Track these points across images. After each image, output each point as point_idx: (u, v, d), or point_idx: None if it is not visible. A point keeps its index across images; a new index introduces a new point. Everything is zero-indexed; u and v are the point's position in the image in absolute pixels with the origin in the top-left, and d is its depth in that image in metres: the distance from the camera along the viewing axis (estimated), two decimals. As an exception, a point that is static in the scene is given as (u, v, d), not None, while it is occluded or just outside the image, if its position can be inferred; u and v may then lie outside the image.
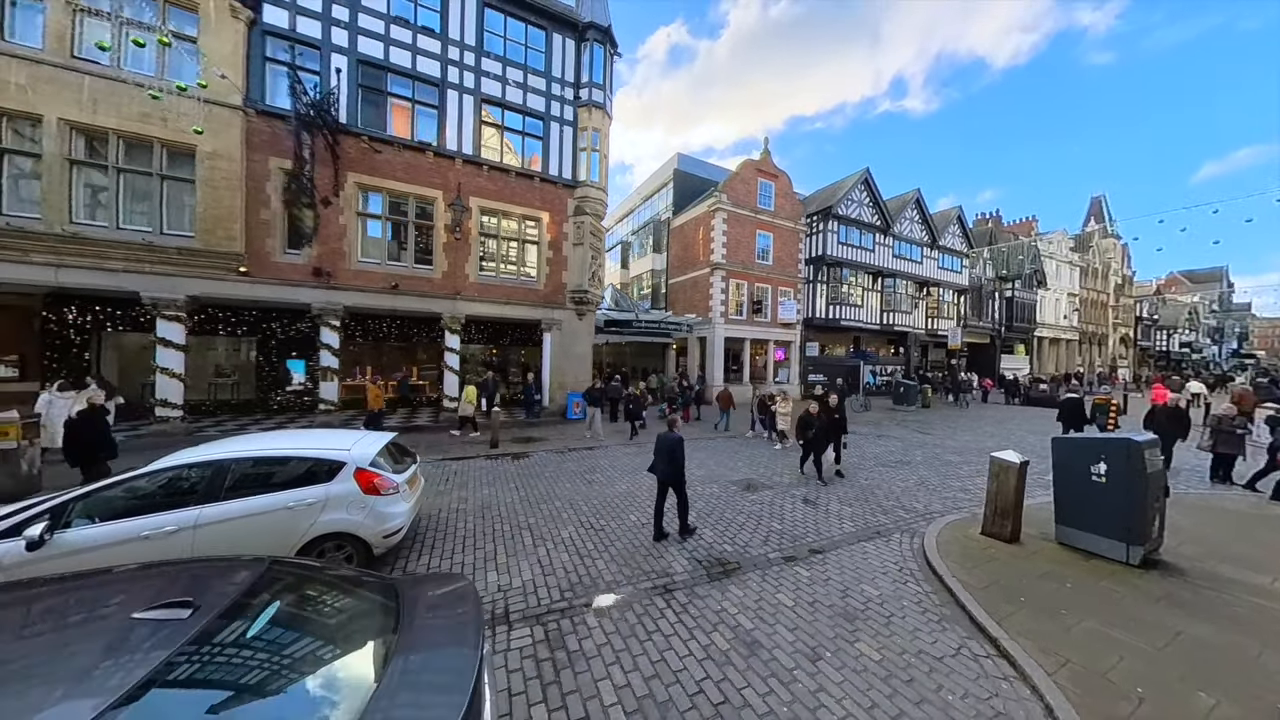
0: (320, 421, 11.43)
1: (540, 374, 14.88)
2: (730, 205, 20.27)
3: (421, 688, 1.49)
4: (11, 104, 8.35)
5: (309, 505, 3.99)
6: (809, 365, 23.52)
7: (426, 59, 12.40)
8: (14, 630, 1.43)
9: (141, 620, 1.40)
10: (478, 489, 6.54)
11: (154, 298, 9.69)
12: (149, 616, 1.40)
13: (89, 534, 3.45)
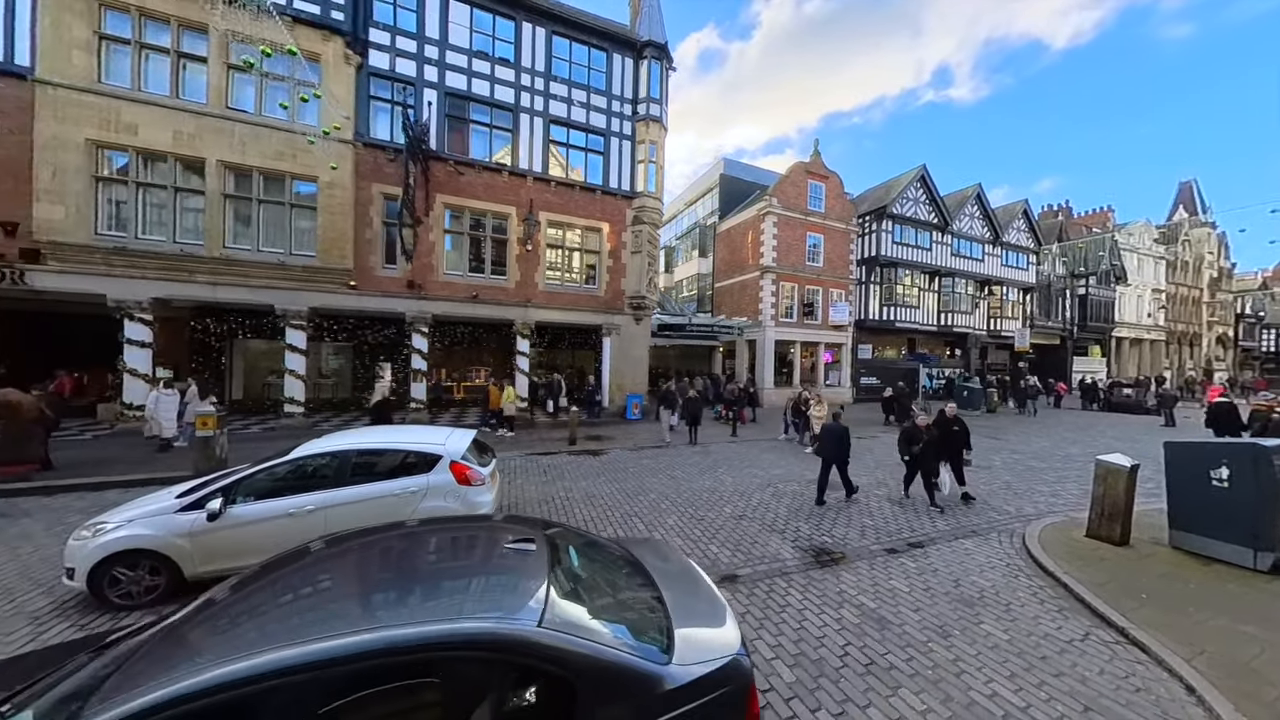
0: (411, 419, 12.71)
1: (600, 376, 15.68)
2: (780, 208, 20.36)
3: (691, 598, 2.10)
4: (184, 150, 10.05)
5: (413, 492, 4.47)
6: (861, 368, 23.09)
7: (502, 87, 13.53)
8: (451, 548, 2.13)
9: (513, 548, 2.07)
10: (576, 481, 7.28)
11: (284, 309, 11.24)
12: (514, 547, 2.07)
13: (250, 509, 4.06)
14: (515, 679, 1.45)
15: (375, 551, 2.17)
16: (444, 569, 1.88)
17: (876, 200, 23.55)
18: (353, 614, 1.64)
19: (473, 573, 1.87)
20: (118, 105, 9.54)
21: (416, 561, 2.07)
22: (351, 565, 2.04)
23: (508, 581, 1.80)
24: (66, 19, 9.18)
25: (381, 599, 1.76)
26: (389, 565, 2.06)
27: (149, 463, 7.66)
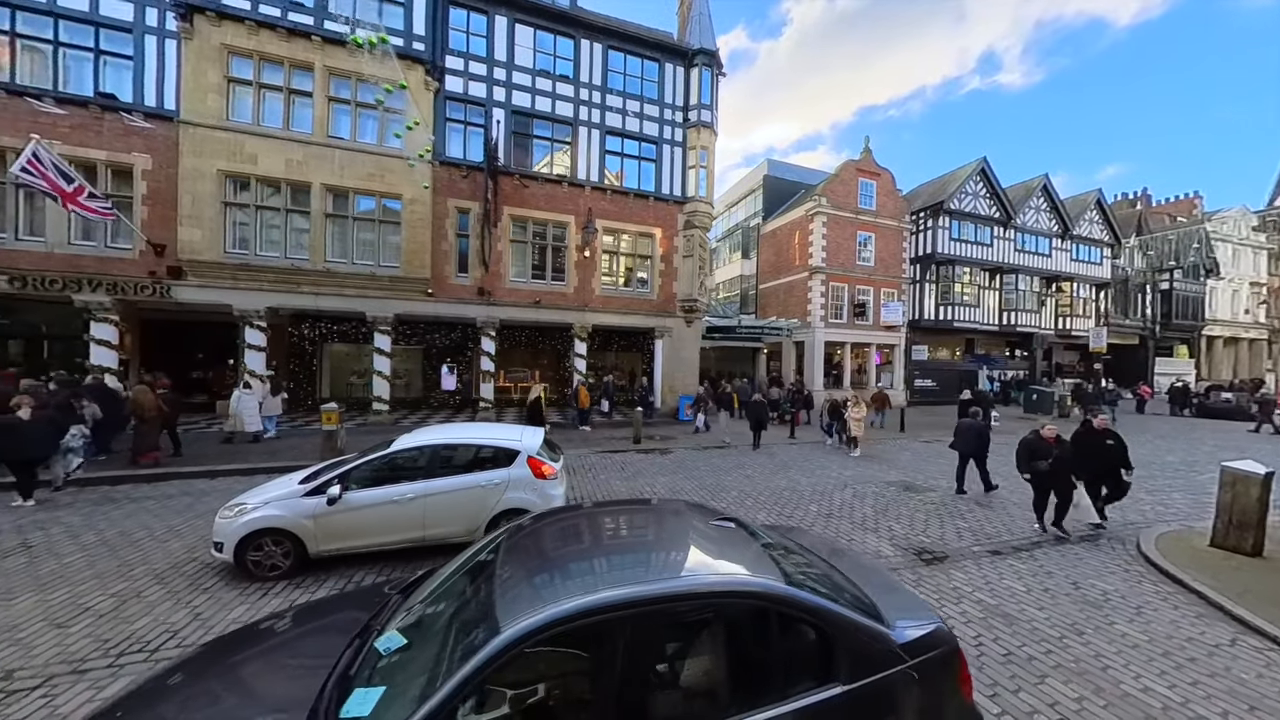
0: (480, 417, 13.58)
1: (652, 377, 16.09)
2: (830, 208, 20.08)
3: (864, 573, 2.41)
4: (294, 175, 11.32)
5: (497, 484, 4.82)
6: (915, 369, 22.31)
7: (563, 102, 14.24)
8: (675, 521, 2.50)
9: (719, 527, 2.41)
10: (654, 478, 7.68)
11: (374, 316, 12.37)
12: (720, 525, 2.41)
13: (361, 496, 4.45)
14: (781, 625, 1.73)
15: (625, 519, 2.58)
16: (682, 536, 2.25)
17: (931, 196, 22.71)
18: (652, 565, 2.01)
19: (708, 540, 2.18)
20: (242, 139, 10.90)
21: (662, 529, 2.42)
22: (617, 529, 2.42)
23: (737, 550, 2.12)
24: (203, 66, 10.60)
25: (661, 556, 2.12)
26: (646, 530, 2.42)
27: (247, 454, 8.63)
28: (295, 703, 1.56)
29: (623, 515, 2.74)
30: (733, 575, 1.86)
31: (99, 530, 5.06)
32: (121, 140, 10.29)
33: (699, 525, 2.36)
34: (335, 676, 1.63)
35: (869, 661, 1.75)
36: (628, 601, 1.60)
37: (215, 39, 10.65)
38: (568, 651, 1.58)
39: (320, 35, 11.39)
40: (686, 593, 1.72)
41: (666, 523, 2.48)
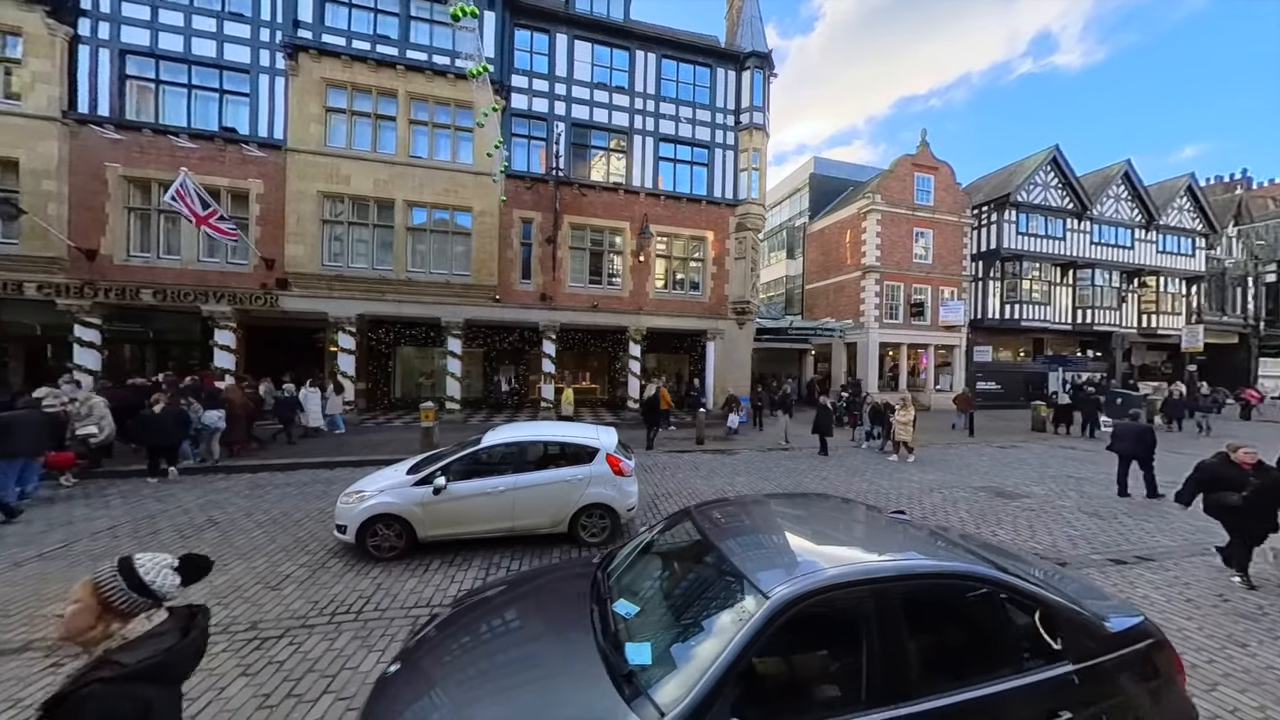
0: (541, 416, 14.20)
1: (704, 379, 16.23)
2: (884, 205, 19.49)
3: (1030, 567, 2.50)
4: (381, 193, 12.37)
5: (580, 480, 5.04)
6: (978, 371, 21.19)
7: (618, 112, 14.72)
8: (862, 512, 2.71)
9: (894, 519, 2.63)
10: (731, 477, 7.87)
11: (447, 321, 13.27)
12: (896, 515, 2.64)
13: (461, 486, 4.78)
14: (1005, 607, 1.88)
15: (807, 506, 2.80)
16: (878, 524, 2.45)
17: (996, 188, 21.54)
18: (875, 546, 2.21)
19: (905, 529, 2.35)
20: (337, 162, 12.05)
21: (853, 516, 2.61)
22: (809, 514, 2.62)
23: (935, 539, 2.27)
24: (306, 99, 11.81)
25: (876, 539, 2.30)
26: (839, 516, 2.61)
27: (341, 448, 9.51)
28: (579, 646, 1.82)
29: (803, 502, 2.93)
30: (963, 561, 2.00)
31: (265, 510, 5.85)
32: (239, 168, 11.64)
33: (883, 516, 2.55)
34: (599, 632, 1.88)
35: (1091, 646, 1.85)
36: (898, 574, 1.78)
37: (316, 74, 11.85)
38: (822, 620, 1.71)
39: (403, 64, 12.40)
40: (932, 571, 1.89)
41: (854, 512, 2.67)
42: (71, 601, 1.27)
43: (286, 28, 11.63)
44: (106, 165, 10.89)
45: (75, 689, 1.18)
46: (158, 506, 5.81)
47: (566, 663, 1.76)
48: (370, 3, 12.39)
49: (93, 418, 7.46)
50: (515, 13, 13.57)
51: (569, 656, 1.79)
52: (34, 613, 3.45)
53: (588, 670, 1.68)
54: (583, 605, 2.09)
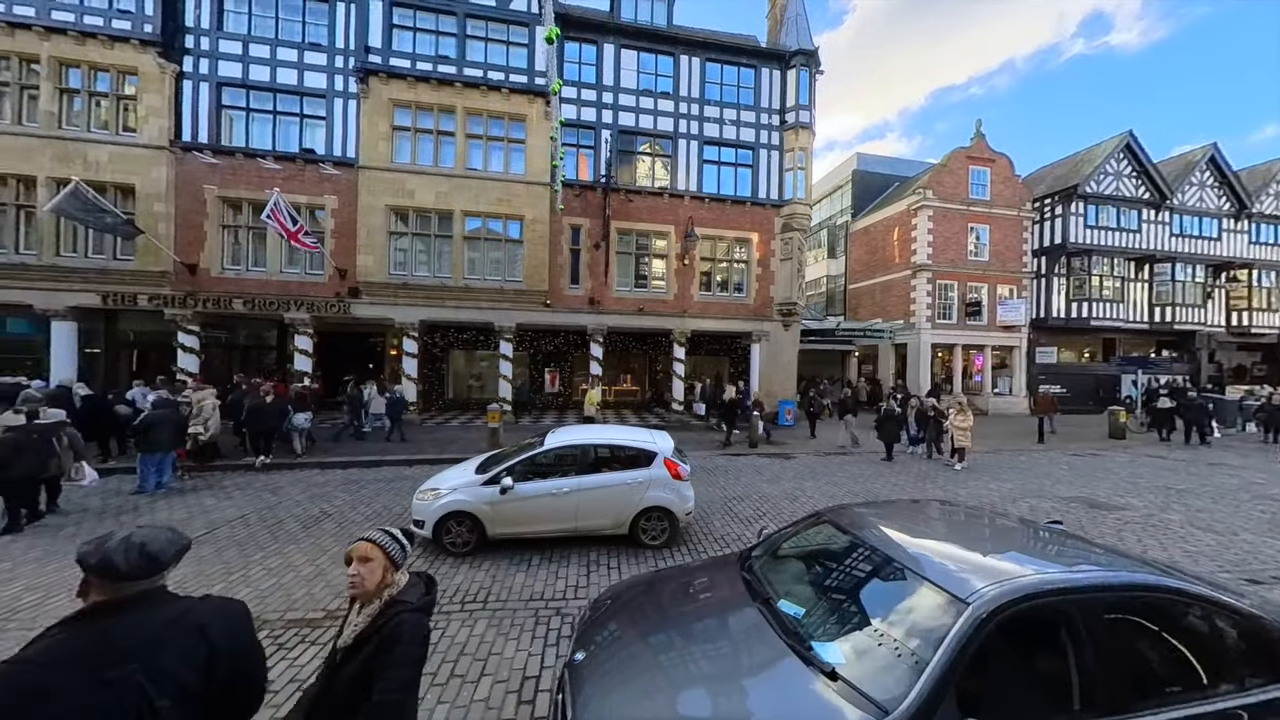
0: (586, 419, 14.49)
1: (749, 381, 16.10)
2: (936, 200, 18.72)
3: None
4: (441, 205, 13.04)
5: (640, 483, 5.11)
6: (1040, 373, 19.95)
7: (663, 118, 14.88)
8: (1016, 522, 2.73)
9: (1050, 527, 2.65)
10: (799, 482, 7.79)
11: (500, 325, 13.81)
12: (1052, 524, 2.65)
13: (527, 487, 4.92)
14: (1210, 623, 1.82)
15: (956, 515, 2.83)
16: (1044, 536, 2.43)
17: (1060, 179, 20.26)
18: (1061, 557, 2.19)
19: (1074, 543, 2.38)
20: (403, 177, 12.80)
21: (1011, 526, 2.62)
22: (968, 521, 2.66)
23: (1107, 552, 2.25)
24: (375, 119, 12.63)
25: (1057, 550, 2.27)
26: (999, 526, 2.62)
27: (413, 446, 10.05)
28: (762, 643, 1.88)
29: (947, 510, 2.93)
30: (1158, 574, 1.96)
31: (368, 503, 6.32)
32: (317, 185, 12.57)
33: (1042, 527, 2.54)
34: (780, 631, 1.93)
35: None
36: (1107, 585, 1.77)
37: (384, 95, 12.65)
38: (1023, 627, 1.67)
39: (461, 81, 13.03)
40: (1139, 585, 1.86)
41: (1009, 521, 2.68)
42: (363, 562, 1.56)
43: (359, 54, 12.49)
44: (205, 187, 12.03)
45: (387, 621, 1.50)
46: (273, 499, 6.40)
47: (759, 658, 1.83)
48: (432, 25, 13.11)
49: (200, 417, 8.29)
50: (565, 25, 13.98)
51: (757, 652, 1.86)
52: (213, 590, 3.86)
53: (784, 666, 1.75)
54: (744, 604, 2.17)
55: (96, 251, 11.63)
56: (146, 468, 6.82)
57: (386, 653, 1.44)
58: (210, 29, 12.06)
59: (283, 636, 3.27)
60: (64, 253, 11.42)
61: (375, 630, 1.48)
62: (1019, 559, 1.98)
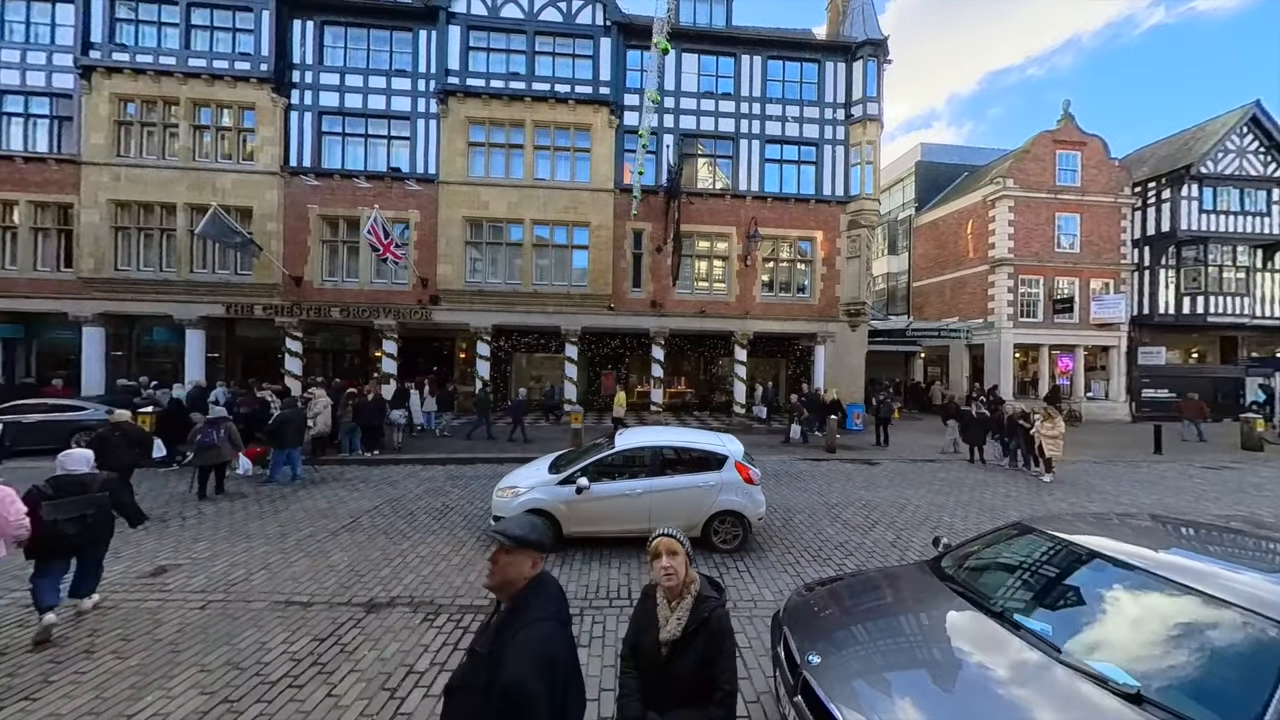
0: (651, 420, 14.62)
1: (812, 384, 15.61)
2: (1018, 190, 17.37)
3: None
4: (512, 215, 13.68)
5: (712, 486, 5.08)
6: (1144, 376, 17.97)
7: (725, 119, 14.81)
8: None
9: None
10: (899, 489, 7.47)
11: (566, 329, 14.24)
12: None
13: (602, 487, 5.01)
14: None
15: (1206, 530, 2.70)
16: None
17: (1167, 159, 18.20)
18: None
19: None
20: (478, 190, 13.54)
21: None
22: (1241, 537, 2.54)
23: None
24: (454, 137, 13.45)
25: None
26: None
27: (499, 445, 10.51)
28: (1016, 657, 1.83)
29: (1183, 525, 2.74)
30: None
31: (482, 499, 6.54)
32: (402, 201, 13.54)
33: None
34: (1032, 644, 1.84)
35: None
36: None
37: (462, 113, 13.44)
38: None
39: (530, 96, 13.62)
40: None
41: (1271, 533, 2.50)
42: (671, 555, 1.68)
43: (439, 76, 13.35)
44: (308, 207, 13.29)
45: (710, 615, 1.63)
46: (394, 491, 6.95)
47: (1020, 672, 1.77)
48: (504, 45, 13.80)
49: (315, 415, 9.14)
50: (627, 35, 14.27)
51: (1013, 664, 1.82)
52: (381, 575, 4.31)
53: (1058, 682, 1.69)
54: (969, 614, 2.13)
55: (221, 267, 13.13)
56: (277, 461, 7.63)
57: (718, 646, 1.58)
58: (313, 64, 13.33)
59: (463, 620, 3.54)
60: (196, 269, 12.99)
61: (701, 624, 1.60)
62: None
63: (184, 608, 3.64)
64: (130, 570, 4.24)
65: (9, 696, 2.65)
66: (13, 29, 12.80)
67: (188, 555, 4.63)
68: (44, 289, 12.63)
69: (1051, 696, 1.64)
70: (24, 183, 12.64)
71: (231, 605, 3.69)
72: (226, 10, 12.90)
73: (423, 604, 3.78)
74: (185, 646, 3.13)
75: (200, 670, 2.87)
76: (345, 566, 4.43)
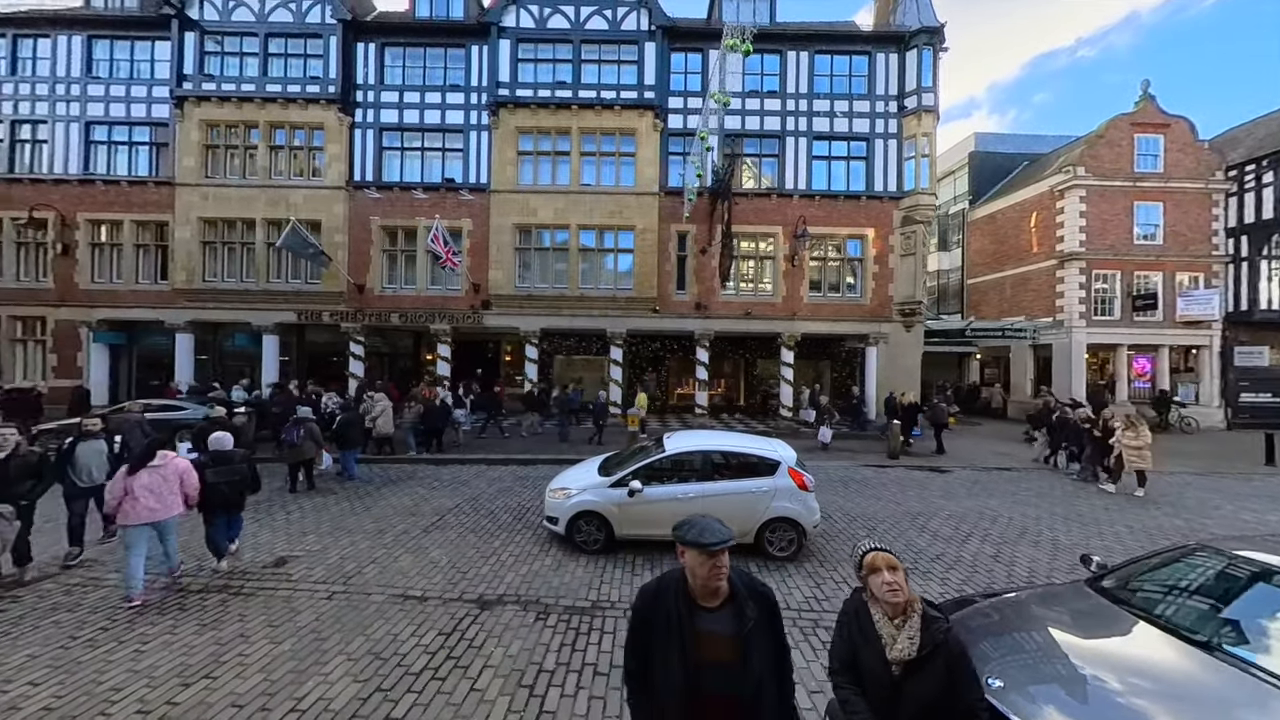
0: (696, 423, 14.51)
1: (864, 388, 15.07)
2: (1091, 178, 16.14)
3: None
4: (559, 221, 13.97)
5: (765, 492, 4.96)
6: (1241, 379, 16.26)
7: (770, 117, 14.56)
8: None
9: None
10: (984, 499, 7.05)
11: (611, 332, 14.37)
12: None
13: (653, 491, 4.99)
14: None
15: None
16: None
17: (1268, 140, 16.46)
18: None
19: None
20: (527, 197, 13.91)
21: None
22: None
23: None
24: (504, 147, 13.89)
25: None
26: None
27: (546, 445, 10.70)
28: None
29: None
30: None
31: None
32: (455, 210, 14.09)
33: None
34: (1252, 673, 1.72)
35: None
36: None
37: (511, 124, 13.86)
38: None
39: (576, 103, 13.88)
40: None
41: None
42: (892, 570, 1.63)
43: (490, 89, 13.83)
44: (370, 218, 14.05)
45: (945, 636, 1.58)
46: (469, 491, 7.21)
47: (1236, 701, 1.66)
48: (550, 55, 14.14)
49: (375, 415, 9.60)
50: (671, 38, 14.30)
51: (1230, 696, 1.69)
52: (481, 573, 4.46)
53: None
54: (1165, 642, 1.98)
55: (294, 277, 14.07)
56: (348, 460, 8.09)
57: (962, 667, 1.56)
58: (374, 83, 14.11)
59: (573, 622, 3.62)
60: (272, 279, 13.98)
61: (936, 646, 1.56)
62: None
63: (313, 598, 3.92)
64: (255, 560, 4.61)
65: (193, 675, 2.93)
66: (119, 67, 14.25)
67: (301, 548, 4.98)
68: (144, 299, 13.94)
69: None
70: (128, 204, 14.03)
71: (354, 597, 3.92)
72: (299, 38, 13.87)
73: (530, 603, 3.91)
74: (326, 635, 3.36)
75: (347, 659, 3.07)
76: (447, 564, 4.64)
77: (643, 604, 1.56)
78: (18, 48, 14.20)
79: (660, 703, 1.44)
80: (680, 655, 1.41)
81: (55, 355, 13.88)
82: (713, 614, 1.47)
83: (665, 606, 1.50)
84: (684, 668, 1.41)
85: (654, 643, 1.48)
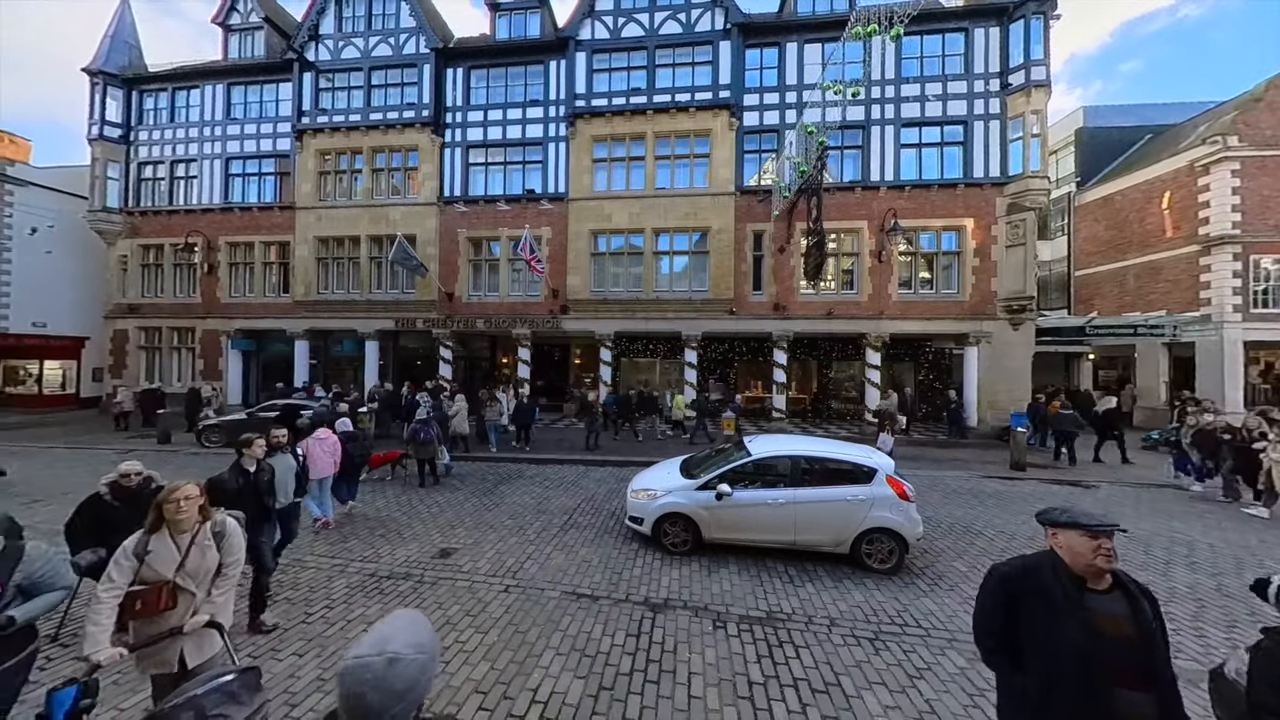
0: (773, 427, 13.97)
1: (963, 392, 13.81)
2: (1246, 149, 13.82)
3: None
4: (634, 225, 14.11)
5: (861, 500, 4.74)
6: None
7: (852, 106, 13.79)
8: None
9: None
10: (1163, 521, 6.16)
11: (687, 335, 14.25)
12: None
13: (743, 495, 4.92)
14: None
15: None
16: None
17: None
18: None
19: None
20: (602, 203, 14.19)
21: None
22: None
23: None
24: (580, 155, 14.27)
25: None
26: None
27: (623, 447, 10.67)
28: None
29: None
30: None
31: None
32: (536, 220, 14.64)
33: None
34: None
35: None
36: None
37: (587, 133, 14.22)
38: None
39: (650, 108, 13.97)
40: None
41: None
42: None
43: (568, 102, 14.28)
44: (458, 230, 14.97)
45: None
46: (583, 491, 7.31)
47: None
48: (625, 62, 14.36)
49: (455, 415, 10.06)
50: (746, 35, 14.03)
51: None
52: (634, 574, 4.51)
53: None
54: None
55: (392, 287, 15.28)
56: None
57: None
58: (461, 105, 15.06)
59: (754, 631, 3.53)
60: (373, 290, 15.28)
61: None
62: None
63: (491, 589, 4.11)
64: (422, 550, 4.93)
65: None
66: (250, 108, 16.30)
67: (457, 541, 5.27)
68: (270, 311, 15.76)
69: None
70: (258, 227, 15.96)
71: (529, 591, 4.07)
72: (397, 68, 15.13)
73: (699, 609, 3.87)
74: (526, 628, 3.48)
75: (556, 653, 3.15)
76: (599, 563, 4.74)
77: (1007, 586, 1.64)
78: (175, 99, 16.69)
79: (1050, 674, 1.47)
80: (1079, 628, 1.45)
81: (202, 360, 16.05)
82: (1101, 596, 1.50)
83: (1042, 586, 1.55)
84: (1086, 637, 1.45)
85: (1034, 621, 1.53)
